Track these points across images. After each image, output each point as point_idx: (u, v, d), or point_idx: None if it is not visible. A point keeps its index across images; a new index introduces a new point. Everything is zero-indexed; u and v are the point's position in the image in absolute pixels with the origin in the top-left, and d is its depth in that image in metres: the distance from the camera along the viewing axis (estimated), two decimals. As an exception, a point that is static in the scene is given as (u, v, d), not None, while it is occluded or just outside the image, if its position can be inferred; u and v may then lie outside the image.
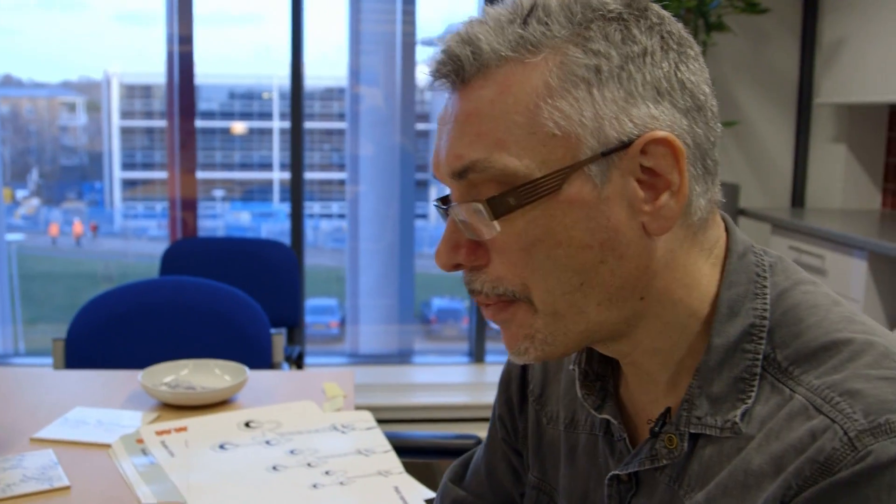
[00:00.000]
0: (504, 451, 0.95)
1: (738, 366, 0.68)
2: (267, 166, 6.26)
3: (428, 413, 3.27)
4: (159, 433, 1.45)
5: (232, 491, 1.26)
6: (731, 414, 0.67)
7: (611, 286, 0.68)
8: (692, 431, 0.69)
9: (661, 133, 0.65)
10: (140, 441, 1.42)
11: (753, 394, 0.67)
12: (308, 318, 6.44)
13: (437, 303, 4.99)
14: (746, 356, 0.68)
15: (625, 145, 0.65)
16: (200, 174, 4.99)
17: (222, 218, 7.85)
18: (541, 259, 0.66)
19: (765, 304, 0.70)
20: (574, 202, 0.65)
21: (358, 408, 1.57)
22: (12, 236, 7.54)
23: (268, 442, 1.42)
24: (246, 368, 1.68)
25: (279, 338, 2.16)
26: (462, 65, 0.67)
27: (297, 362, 2.80)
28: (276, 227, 6.35)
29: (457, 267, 0.70)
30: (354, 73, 3.69)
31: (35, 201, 8.09)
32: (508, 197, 0.65)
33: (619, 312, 0.69)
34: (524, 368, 0.91)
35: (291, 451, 1.38)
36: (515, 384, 0.92)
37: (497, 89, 0.66)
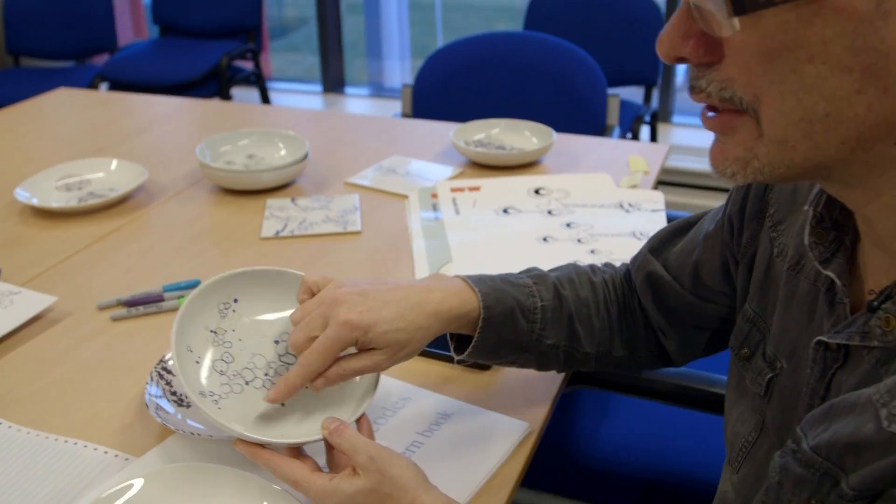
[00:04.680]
0: (721, 250, 0.89)
1: None
2: None
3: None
4: (454, 190, 1.55)
5: (495, 254, 1.33)
6: None
7: (863, 124, 0.55)
8: None
9: None
10: (434, 196, 1.53)
11: None
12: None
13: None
14: None
15: None
16: None
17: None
18: (784, 72, 0.55)
19: None
20: (842, 11, 0.52)
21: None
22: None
23: (549, 212, 1.46)
24: (553, 133, 1.70)
25: (615, 100, 2.13)
26: None
27: (652, 123, 2.74)
28: None
29: (680, 60, 0.61)
30: None
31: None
32: None
33: (864, 156, 0.57)
34: (767, 186, 0.81)
35: (568, 224, 1.41)
36: (755, 194, 0.82)
37: None
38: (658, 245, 0.98)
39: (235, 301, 0.92)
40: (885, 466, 0.54)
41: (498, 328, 0.91)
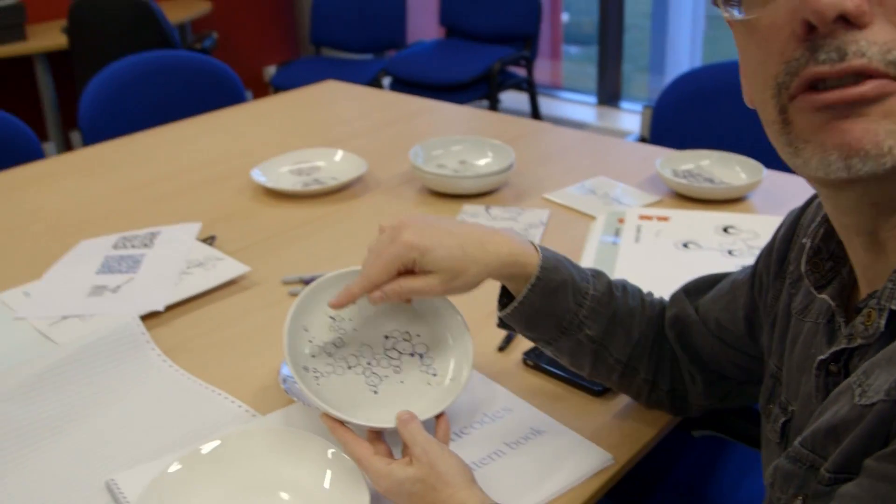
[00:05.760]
0: (746, 301, 0.91)
1: None
2: None
3: None
4: (642, 217, 1.57)
5: (653, 287, 1.34)
6: None
7: None
8: (894, 308, 0.59)
9: None
10: (621, 221, 1.57)
11: None
12: None
13: None
14: None
15: None
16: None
17: None
18: None
19: None
20: None
21: None
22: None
23: (730, 252, 1.44)
24: (763, 170, 1.66)
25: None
26: None
27: None
28: None
29: (839, 18, 0.56)
30: None
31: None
32: None
33: None
34: (789, 243, 0.83)
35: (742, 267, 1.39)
36: (777, 255, 0.85)
37: None
38: (693, 288, 1.01)
39: None
40: (856, 439, 0.55)
41: (547, 294, 0.93)
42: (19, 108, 3.58)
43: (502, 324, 1.00)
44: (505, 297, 0.99)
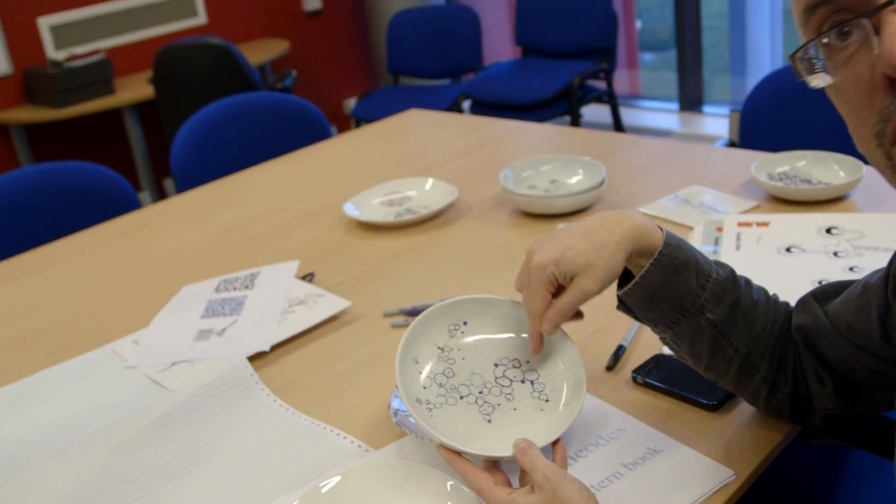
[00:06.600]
0: (879, 303, 0.88)
1: None
2: None
3: None
4: (740, 224, 1.54)
5: (758, 283, 1.31)
6: None
7: None
8: None
9: None
10: (720, 229, 1.54)
11: None
12: None
13: None
14: None
15: None
16: None
17: None
18: None
19: None
20: None
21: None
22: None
23: (836, 253, 1.40)
24: (862, 167, 1.62)
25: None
26: None
27: None
28: None
29: None
30: None
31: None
32: None
33: None
34: None
35: (850, 269, 1.35)
36: None
37: None
38: (822, 293, 0.98)
39: (465, 324, 1.04)
40: None
41: (669, 271, 0.92)
42: (113, 161, 3.73)
43: (621, 304, 0.99)
44: (623, 281, 0.98)
